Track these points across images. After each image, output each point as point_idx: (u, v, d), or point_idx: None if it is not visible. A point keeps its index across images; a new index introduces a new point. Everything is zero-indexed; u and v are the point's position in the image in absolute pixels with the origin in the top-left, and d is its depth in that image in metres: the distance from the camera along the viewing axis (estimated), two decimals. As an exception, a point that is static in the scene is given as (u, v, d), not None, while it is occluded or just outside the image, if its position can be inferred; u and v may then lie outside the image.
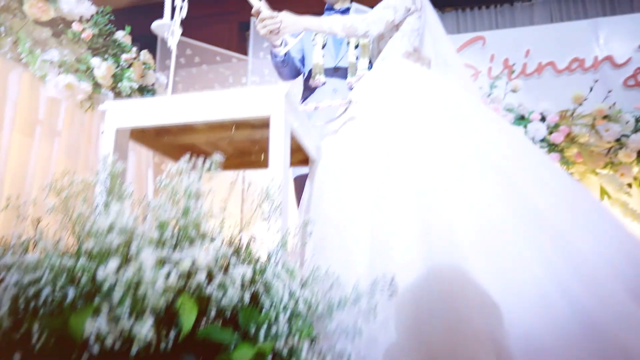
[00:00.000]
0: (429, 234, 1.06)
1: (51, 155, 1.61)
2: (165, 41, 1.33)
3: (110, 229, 0.66)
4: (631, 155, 2.81)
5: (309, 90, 1.85)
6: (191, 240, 0.78)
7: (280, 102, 1.02)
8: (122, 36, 2.01)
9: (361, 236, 1.14)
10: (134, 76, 1.98)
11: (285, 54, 1.74)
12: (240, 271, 0.73)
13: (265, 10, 1.49)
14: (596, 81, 3.03)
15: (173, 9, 1.33)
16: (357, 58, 1.81)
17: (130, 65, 1.90)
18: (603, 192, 3.06)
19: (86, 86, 1.59)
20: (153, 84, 2.16)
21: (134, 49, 1.95)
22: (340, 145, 1.36)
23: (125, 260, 0.69)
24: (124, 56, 1.86)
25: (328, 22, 1.54)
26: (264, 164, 1.59)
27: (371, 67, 1.72)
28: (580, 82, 3.59)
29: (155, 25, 1.39)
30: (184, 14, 1.23)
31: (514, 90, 3.26)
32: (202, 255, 0.67)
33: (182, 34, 1.32)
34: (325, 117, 1.54)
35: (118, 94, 1.83)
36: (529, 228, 1.01)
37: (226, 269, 0.80)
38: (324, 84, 1.81)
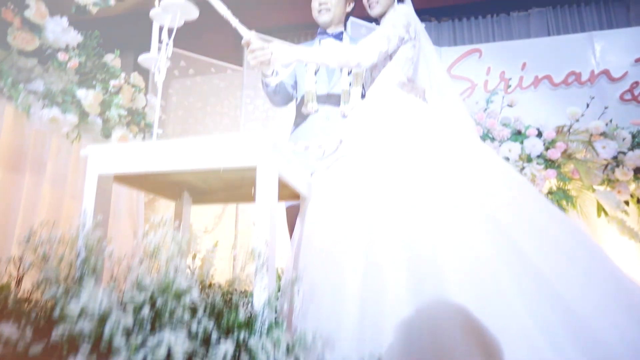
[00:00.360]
0: (419, 282, 1.06)
1: (38, 187, 1.57)
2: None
3: (82, 313, 0.62)
4: (628, 173, 2.79)
5: (301, 117, 1.82)
6: (171, 313, 0.74)
7: (267, 152, 0.98)
8: (111, 60, 1.97)
9: (351, 283, 1.11)
10: (123, 101, 1.95)
11: (277, 83, 1.70)
12: (222, 349, 0.70)
13: (256, 41, 1.46)
14: (592, 98, 3.01)
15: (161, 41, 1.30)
16: (350, 84, 1.77)
17: (119, 91, 1.86)
18: (600, 209, 3.04)
19: (72, 118, 1.55)
20: (144, 107, 2.13)
21: (123, 74, 1.91)
22: (332, 184, 1.33)
23: (99, 339, 0.66)
24: (112, 82, 1.82)
25: (320, 53, 1.50)
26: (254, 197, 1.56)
27: (364, 96, 1.69)
28: (576, 95, 3.58)
29: (142, 59, 1.35)
30: (169, 52, 1.20)
31: (510, 105, 3.25)
32: (180, 342, 0.63)
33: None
34: (316, 152, 1.51)
35: (107, 121, 1.79)
36: (519, 276, 1.00)
37: (207, 340, 0.76)
38: (316, 111, 1.77)
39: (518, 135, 3.23)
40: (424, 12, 4.79)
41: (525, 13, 4.88)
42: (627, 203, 2.92)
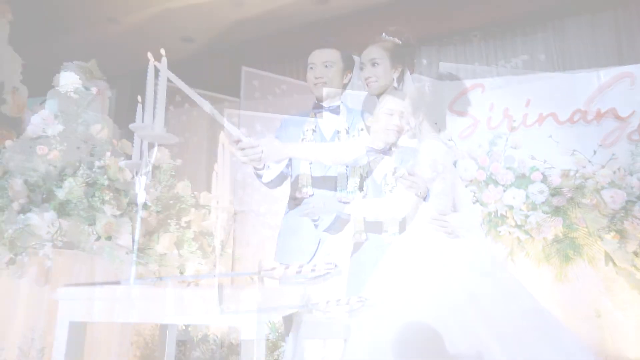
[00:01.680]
0: None
1: (15, 286, 1.50)
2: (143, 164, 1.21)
3: None
4: (637, 227, 2.69)
5: (295, 201, 1.72)
6: None
7: (251, 319, 0.89)
8: (97, 132, 1.89)
9: None
10: (111, 175, 1.86)
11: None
12: None
13: (245, 139, 1.38)
14: (600, 145, 2.91)
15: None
16: (347, 167, 1.68)
17: (104, 171, 1.78)
18: (608, 258, 2.94)
19: (51, 215, 1.47)
20: (133, 177, 2.04)
21: (108, 153, 1.82)
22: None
23: None
24: (97, 163, 1.73)
25: (313, 150, 1.43)
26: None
27: (362, 188, 1.59)
28: (582, 134, 3.47)
29: (125, 164, 1.28)
30: (149, 176, 1.11)
31: (514, 148, 3.16)
32: None
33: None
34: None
35: (91, 206, 1.71)
36: None
37: None
38: (311, 195, 1.68)
39: (522, 179, 3.13)
40: (424, 39, 4.70)
41: (528, 39, 4.79)
42: (636, 254, 2.83)
